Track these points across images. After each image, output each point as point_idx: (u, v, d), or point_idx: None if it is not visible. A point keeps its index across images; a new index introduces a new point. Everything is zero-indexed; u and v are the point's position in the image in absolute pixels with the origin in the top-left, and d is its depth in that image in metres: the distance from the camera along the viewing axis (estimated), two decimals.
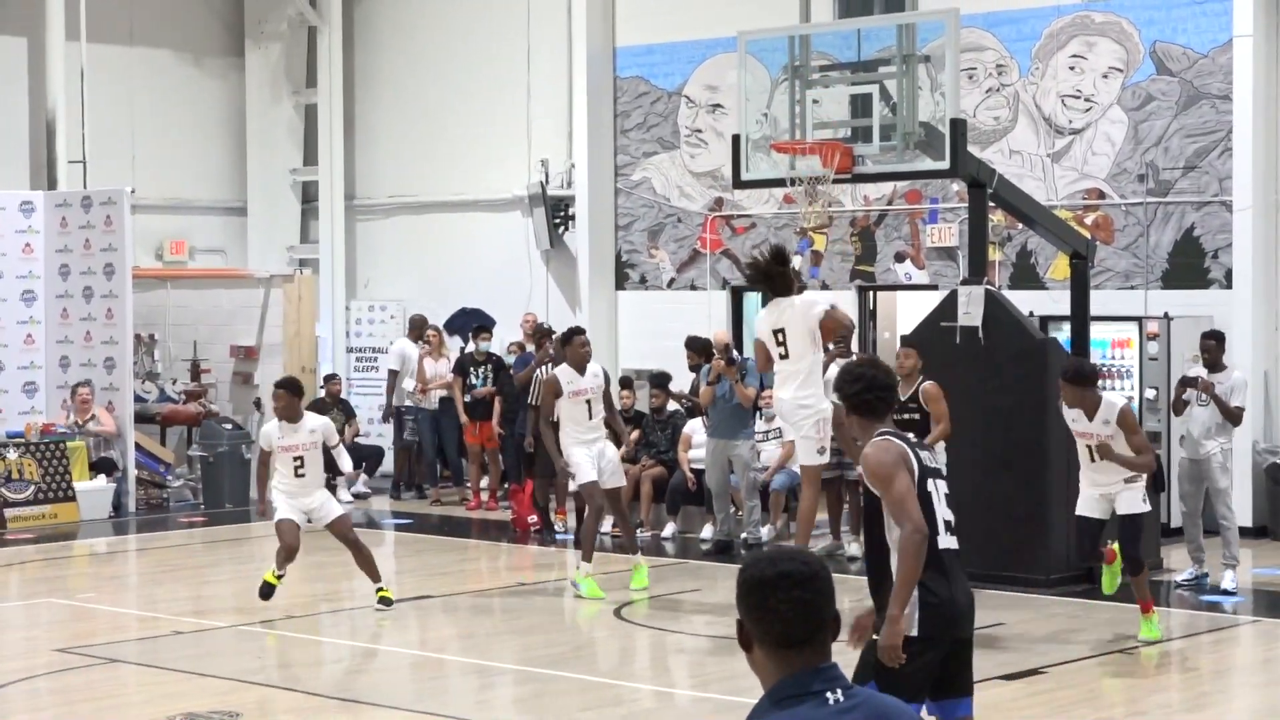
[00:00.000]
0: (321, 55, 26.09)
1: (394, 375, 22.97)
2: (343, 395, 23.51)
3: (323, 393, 23.09)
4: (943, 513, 7.92)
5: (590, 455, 15.87)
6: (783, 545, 14.29)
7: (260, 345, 23.83)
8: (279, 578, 14.99)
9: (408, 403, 22.87)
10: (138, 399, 22.86)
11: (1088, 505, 13.49)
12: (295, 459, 15.03)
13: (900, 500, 7.69)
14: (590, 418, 16.01)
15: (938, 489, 7.92)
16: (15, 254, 22.33)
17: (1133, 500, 13.33)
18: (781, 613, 3.91)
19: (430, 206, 25.44)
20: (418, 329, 23.12)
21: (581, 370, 16.07)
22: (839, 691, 3.89)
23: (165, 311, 24.40)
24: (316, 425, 15.33)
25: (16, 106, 24.42)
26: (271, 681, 12.60)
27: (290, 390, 15.40)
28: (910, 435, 8.40)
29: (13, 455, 20.83)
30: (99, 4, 24.18)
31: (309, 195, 26.71)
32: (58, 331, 22.51)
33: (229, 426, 22.74)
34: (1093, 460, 13.34)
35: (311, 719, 11.28)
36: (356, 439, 22.87)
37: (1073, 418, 13.41)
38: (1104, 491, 13.38)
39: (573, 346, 16.39)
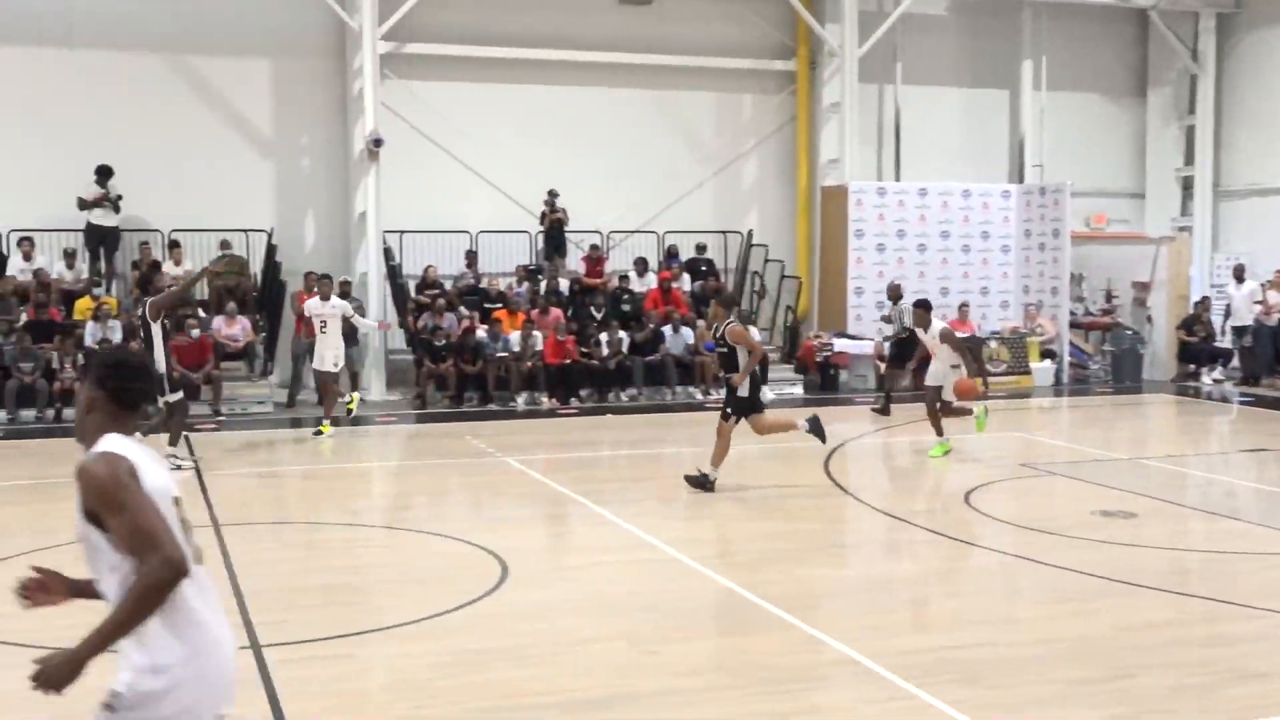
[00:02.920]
0: (1200, 94, 25.59)
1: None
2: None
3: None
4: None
5: None
6: None
7: (1152, 281, 23.78)
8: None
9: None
10: (1071, 313, 23.33)
11: None
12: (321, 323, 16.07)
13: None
14: None
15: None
16: (998, 222, 23.34)
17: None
18: None
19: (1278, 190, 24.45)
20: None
21: None
22: None
23: (1089, 258, 24.64)
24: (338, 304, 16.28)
25: (1000, 132, 25.34)
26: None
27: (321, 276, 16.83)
28: None
29: (993, 344, 22.11)
30: (1055, 65, 24.93)
31: (1187, 185, 26.30)
32: (1023, 269, 23.25)
33: (1129, 332, 23.01)
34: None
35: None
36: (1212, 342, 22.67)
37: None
38: None
39: None
